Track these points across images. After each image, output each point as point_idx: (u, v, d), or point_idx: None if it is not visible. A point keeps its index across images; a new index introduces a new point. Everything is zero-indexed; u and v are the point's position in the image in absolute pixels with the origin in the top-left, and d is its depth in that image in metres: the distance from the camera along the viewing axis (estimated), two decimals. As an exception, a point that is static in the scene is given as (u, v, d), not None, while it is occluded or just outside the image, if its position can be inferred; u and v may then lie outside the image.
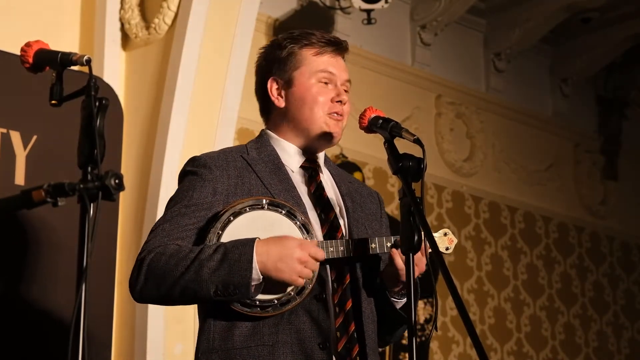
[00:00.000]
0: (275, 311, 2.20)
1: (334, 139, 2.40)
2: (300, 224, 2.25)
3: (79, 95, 1.90)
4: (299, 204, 2.30)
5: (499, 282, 6.51)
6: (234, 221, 2.22)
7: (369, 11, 5.40)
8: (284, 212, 2.25)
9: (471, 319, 1.96)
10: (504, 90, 6.80)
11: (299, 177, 2.40)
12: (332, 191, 2.43)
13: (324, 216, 2.34)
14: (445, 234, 2.46)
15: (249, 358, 2.19)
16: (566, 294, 6.95)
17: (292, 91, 2.40)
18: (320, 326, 2.23)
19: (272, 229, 2.22)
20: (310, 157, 2.43)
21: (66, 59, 1.98)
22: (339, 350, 2.24)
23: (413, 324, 2.04)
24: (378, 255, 2.34)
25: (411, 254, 2.08)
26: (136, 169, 3.99)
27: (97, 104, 1.84)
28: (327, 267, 2.27)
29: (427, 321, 5.82)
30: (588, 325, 7.06)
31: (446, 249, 2.46)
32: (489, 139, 6.63)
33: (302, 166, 2.42)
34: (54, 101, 1.99)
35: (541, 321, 6.73)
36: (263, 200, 2.25)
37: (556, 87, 7.17)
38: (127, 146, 3.93)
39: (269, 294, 2.19)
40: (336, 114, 2.38)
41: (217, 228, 2.22)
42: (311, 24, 5.12)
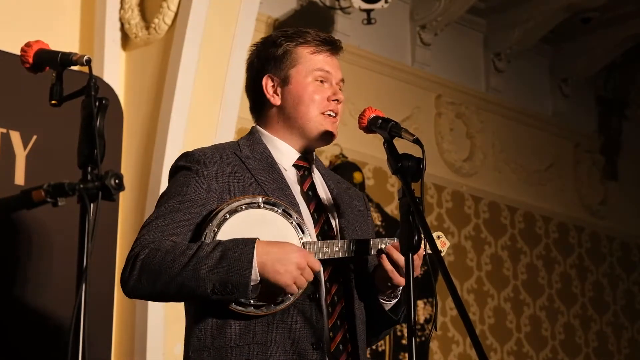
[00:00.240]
0: (268, 310, 2.19)
1: (331, 138, 2.40)
2: (296, 223, 2.25)
3: (79, 95, 1.90)
4: (292, 203, 2.29)
5: (498, 282, 6.51)
6: (229, 219, 2.21)
7: (368, 11, 5.39)
8: (279, 211, 2.24)
9: (471, 319, 1.96)
10: (504, 90, 6.79)
11: (291, 175, 2.39)
12: (323, 191, 2.43)
13: (317, 216, 2.34)
14: (438, 237, 2.44)
15: (241, 356, 2.18)
16: (566, 294, 6.95)
17: (288, 89, 2.39)
18: (313, 326, 2.22)
19: (267, 227, 2.21)
20: (302, 156, 2.42)
21: (66, 59, 1.98)
22: (332, 350, 2.23)
23: (413, 324, 2.03)
24: (370, 256, 2.34)
25: (410, 254, 2.08)
26: (136, 169, 3.98)
27: (97, 104, 1.84)
28: (321, 267, 2.26)
29: (427, 321, 5.81)
30: (588, 325, 7.06)
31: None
32: (489, 139, 6.63)
33: (294, 165, 2.41)
34: (54, 101, 1.99)
35: (541, 321, 6.72)
36: (259, 199, 2.24)
37: (556, 87, 7.16)
38: (127, 146, 3.93)
39: (262, 299, 2.19)
40: (332, 112, 2.38)
41: (213, 225, 2.20)
42: (311, 23, 5.09)
